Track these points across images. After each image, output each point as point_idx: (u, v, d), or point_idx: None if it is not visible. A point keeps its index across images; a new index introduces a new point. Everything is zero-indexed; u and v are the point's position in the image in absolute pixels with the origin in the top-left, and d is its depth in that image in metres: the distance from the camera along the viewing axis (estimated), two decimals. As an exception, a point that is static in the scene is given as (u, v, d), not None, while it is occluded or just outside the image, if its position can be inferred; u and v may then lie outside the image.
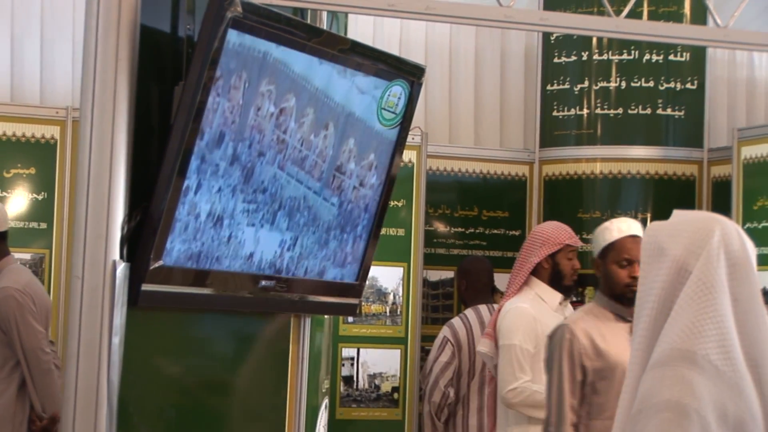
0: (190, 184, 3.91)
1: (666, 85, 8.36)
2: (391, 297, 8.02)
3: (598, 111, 8.40)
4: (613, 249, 5.30)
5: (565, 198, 8.45)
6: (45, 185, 7.33)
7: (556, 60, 8.55)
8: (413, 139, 7.81)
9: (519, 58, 9.16)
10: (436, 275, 8.28)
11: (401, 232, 8.00)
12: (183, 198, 3.90)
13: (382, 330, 8.00)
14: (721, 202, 7.96)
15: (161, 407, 4.32)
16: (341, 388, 7.92)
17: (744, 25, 6.63)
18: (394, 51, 8.32)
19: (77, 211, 3.92)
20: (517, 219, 8.56)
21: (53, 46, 8.04)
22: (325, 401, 5.24)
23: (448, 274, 8.01)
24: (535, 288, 6.00)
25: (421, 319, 8.05)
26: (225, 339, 4.58)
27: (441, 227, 8.44)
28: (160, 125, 4.07)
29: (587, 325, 5.24)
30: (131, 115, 3.93)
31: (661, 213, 3.18)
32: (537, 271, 6.00)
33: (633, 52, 8.35)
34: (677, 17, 8.31)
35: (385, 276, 7.96)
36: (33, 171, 7.34)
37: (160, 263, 3.91)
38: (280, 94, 4.11)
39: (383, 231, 5.13)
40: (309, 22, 4.56)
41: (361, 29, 8.36)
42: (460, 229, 8.48)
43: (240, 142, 4.03)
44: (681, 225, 2.91)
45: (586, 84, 8.43)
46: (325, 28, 4.67)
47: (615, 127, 8.37)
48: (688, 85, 8.40)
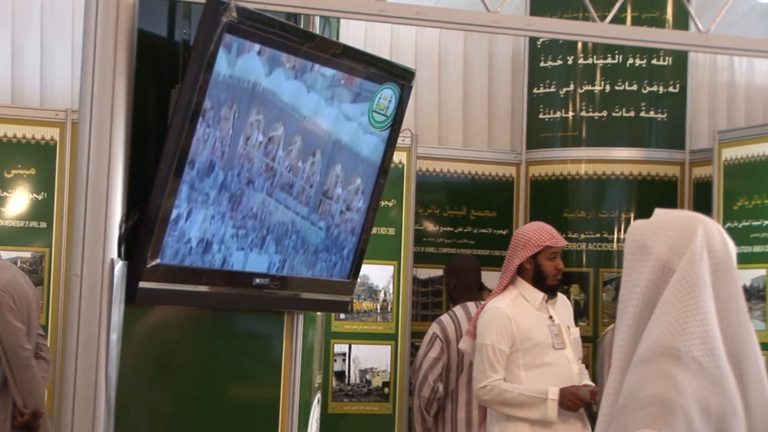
0: (181, 213, 3.93)
1: (649, 89, 8.37)
2: (381, 294, 8.01)
3: (583, 114, 8.39)
4: None
5: (551, 198, 8.45)
6: (45, 185, 7.31)
7: (543, 64, 8.55)
8: (403, 140, 7.80)
9: (506, 62, 9.16)
10: (425, 273, 8.27)
11: (392, 231, 8.00)
12: (174, 225, 3.92)
13: (373, 326, 7.99)
14: (702, 203, 7.97)
15: (158, 402, 4.32)
16: (333, 383, 7.91)
17: (724, 31, 6.64)
18: (385, 55, 8.31)
19: (76, 210, 3.92)
20: (505, 219, 8.55)
21: (53, 50, 8.03)
22: (318, 396, 5.24)
23: (438, 272, 8.00)
24: (519, 287, 6.00)
25: (411, 315, 8.04)
26: (220, 335, 4.57)
27: (430, 226, 8.44)
28: (157, 127, 4.07)
29: None
30: (129, 117, 3.93)
31: (644, 213, 3.18)
32: (521, 271, 6.00)
33: (617, 57, 8.35)
34: (660, 23, 8.31)
35: (376, 274, 7.96)
36: (33, 171, 7.32)
37: (157, 261, 3.91)
38: (269, 123, 4.13)
39: (375, 230, 5.13)
40: (302, 27, 4.55)
41: (352, 34, 8.35)
42: (449, 228, 8.48)
43: (229, 170, 4.05)
44: (664, 224, 2.91)
45: (572, 87, 8.43)
46: (318, 32, 4.67)
47: (599, 129, 8.37)
48: (671, 89, 8.41)
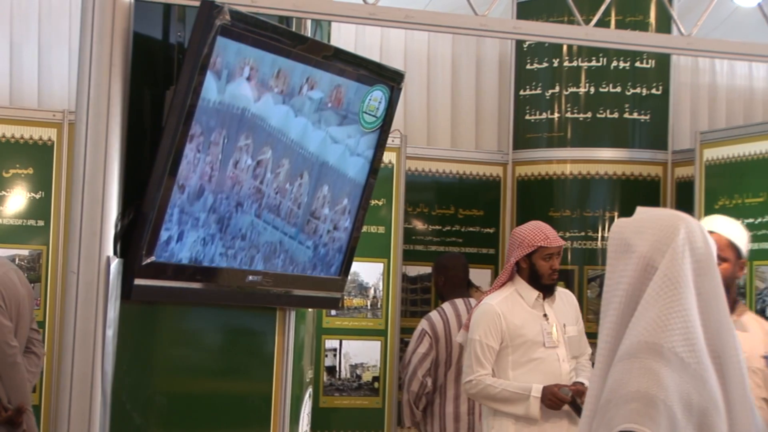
0: (172, 235, 3.94)
1: (632, 91, 8.37)
2: (371, 291, 8.00)
3: (569, 115, 8.40)
4: None
5: (537, 197, 8.45)
6: (42, 185, 7.30)
7: (529, 66, 8.55)
8: (393, 141, 7.80)
9: (493, 65, 9.16)
10: (414, 270, 8.27)
11: (381, 230, 7.99)
12: (165, 246, 3.94)
13: (364, 322, 7.99)
14: (684, 202, 7.97)
15: (153, 396, 4.31)
16: (324, 377, 7.90)
17: (706, 34, 6.64)
18: (375, 58, 8.31)
19: (73, 209, 3.91)
20: (492, 217, 8.56)
21: (50, 52, 8.01)
22: (309, 390, 5.24)
23: (426, 270, 8.00)
24: (516, 284, 5.99)
25: (401, 312, 8.04)
26: (214, 331, 4.57)
27: (419, 225, 8.44)
28: (152, 128, 4.07)
29: None
30: (124, 118, 3.93)
31: (627, 212, 3.18)
32: (519, 269, 5.99)
33: (601, 59, 8.35)
34: (643, 26, 8.32)
35: (366, 271, 7.95)
36: (31, 171, 7.31)
37: (152, 259, 3.90)
38: (258, 147, 4.14)
39: (365, 228, 5.12)
40: (294, 30, 4.55)
41: (343, 37, 8.35)
42: (437, 226, 8.48)
43: (219, 193, 4.08)
44: (647, 222, 2.91)
45: (557, 89, 8.43)
46: (309, 35, 4.67)
47: (584, 130, 8.37)
48: (654, 91, 8.41)
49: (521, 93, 8.58)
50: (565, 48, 8.37)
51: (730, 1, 7.95)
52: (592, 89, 8.36)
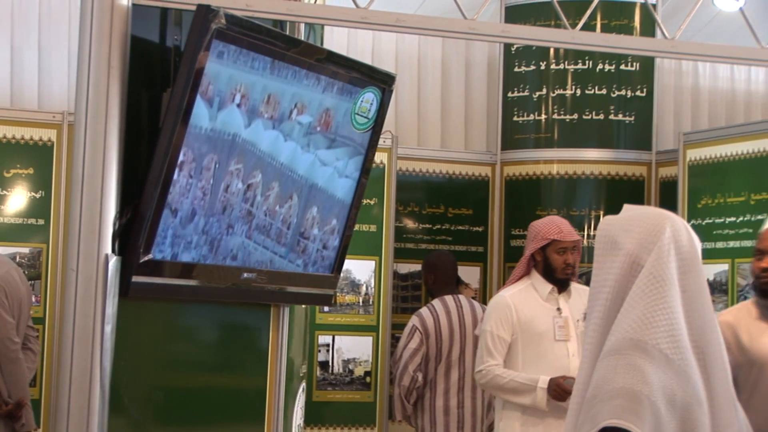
0: (165, 256, 3.94)
1: (617, 93, 8.38)
2: (363, 288, 8.00)
3: (555, 116, 8.40)
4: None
5: (525, 197, 8.45)
6: (42, 184, 7.29)
7: (517, 69, 8.55)
8: (384, 142, 7.80)
9: (482, 67, 9.16)
10: (405, 268, 8.27)
11: (373, 228, 7.99)
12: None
13: (356, 319, 7.99)
14: (668, 201, 7.98)
15: (150, 390, 4.31)
16: (317, 372, 7.90)
17: (689, 38, 6.65)
18: (367, 60, 8.30)
19: (72, 208, 3.90)
20: (481, 216, 8.56)
21: (50, 55, 8.00)
22: (303, 384, 5.23)
23: (417, 267, 7.99)
24: (532, 278, 5.94)
25: (392, 308, 8.05)
26: (210, 327, 4.57)
27: (410, 224, 8.44)
28: (150, 129, 4.06)
29: (734, 319, 4.98)
30: (122, 119, 3.92)
31: (612, 211, 3.19)
32: (534, 263, 5.96)
33: (587, 62, 8.36)
34: (628, 30, 8.32)
35: (359, 269, 7.96)
36: (31, 171, 7.30)
37: (150, 257, 3.90)
38: (248, 171, 4.16)
39: (357, 227, 5.12)
40: (288, 33, 4.54)
41: (336, 40, 8.34)
42: (427, 225, 8.48)
43: (210, 216, 4.09)
44: (633, 220, 2.90)
45: (544, 91, 8.44)
46: (303, 39, 4.66)
47: (570, 131, 8.37)
48: (638, 93, 8.42)
49: (509, 95, 8.58)
50: (552, 51, 8.37)
51: (712, 6, 7.96)
52: (578, 91, 8.36)
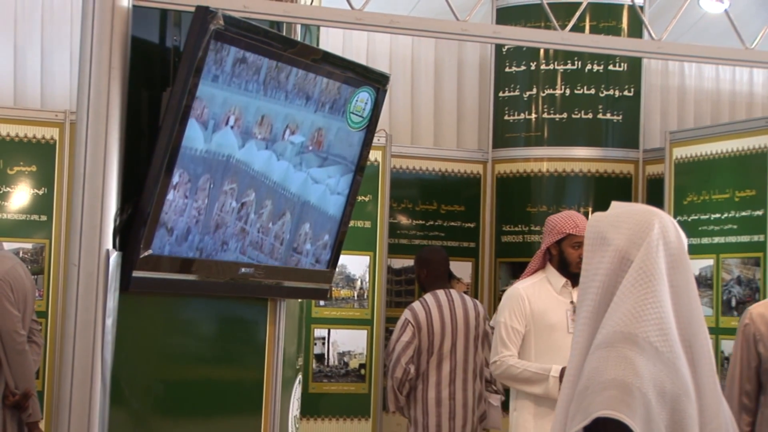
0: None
1: (605, 92, 8.38)
2: (358, 283, 8.00)
3: (545, 115, 8.40)
4: None
5: (516, 194, 8.46)
6: (45, 181, 7.28)
7: (508, 69, 8.55)
8: (378, 140, 7.80)
9: (474, 68, 9.16)
10: (399, 263, 8.27)
11: (368, 224, 7.99)
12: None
13: (351, 312, 7.99)
14: (654, 198, 7.99)
15: (150, 382, 4.30)
16: (314, 364, 7.90)
17: (676, 39, 6.65)
18: (362, 61, 8.29)
19: (74, 204, 3.90)
20: (472, 213, 8.56)
21: (53, 55, 7.99)
22: (299, 377, 5.23)
23: (410, 262, 7.98)
24: (547, 272, 5.94)
25: (386, 302, 8.05)
26: (208, 321, 4.56)
27: (404, 220, 8.44)
28: (150, 127, 4.05)
29: None
30: (123, 118, 3.91)
31: (601, 207, 3.19)
32: (550, 257, 5.95)
33: (576, 63, 8.36)
34: (616, 31, 8.32)
35: (353, 264, 7.96)
36: (34, 168, 7.29)
37: (150, 252, 3.89)
38: (242, 190, 4.17)
39: (352, 223, 5.12)
40: (285, 34, 4.54)
41: (331, 41, 8.34)
42: (420, 221, 8.48)
43: (206, 234, 4.10)
44: (622, 217, 2.90)
45: (534, 91, 8.44)
46: (299, 39, 4.65)
47: (560, 130, 8.38)
48: (626, 93, 8.42)
49: (500, 94, 8.58)
50: (542, 52, 8.37)
51: (698, 8, 7.96)
52: (568, 91, 8.36)
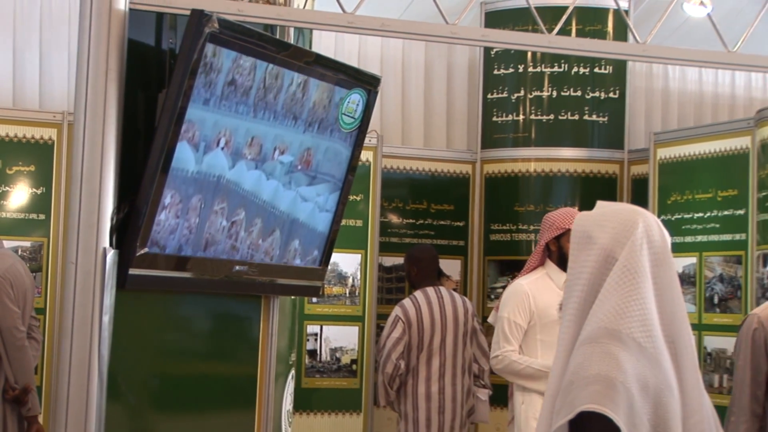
0: None
1: (591, 94, 8.38)
2: (350, 280, 8.00)
3: (533, 117, 8.40)
4: None
5: (504, 193, 8.46)
6: (43, 181, 7.27)
7: (496, 72, 8.55)
8: (370, 140, 7.80)
9: (463, 70, 9.16)
10: (389, 261, 8.27)
11: (359, 223, 7.99)
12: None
13: (342, 309, 7.99)
14: (639, 197, 8.00)
15: (146, 377, 4.30)
16: (306, 360, 7.90)
17: (660, 42, 6.66)
18: (353, 63, 8.29)
19: (72, 203, 3.89)
20: (462, 211, 8.56)
21: (51, 57, 7.98)
22: (292, 372, 5.23)
23: (401, 260, 7.98)
24: (547, 268, 5.93)
25: (377, 299, 8.05)
26: (203, 317, 4.56)
27: (394, 219, 8.43)
28: (146, 128, 4.05)
29: None
30: (120, 119, 3.91)
31: (587, 207, 3.19)
32: (549, 253, 5.93)
33: (563, 65, 8.36)
34: (602, 35, 8.33)
35: (345, 261, 7.95)
36: (33, 168, 7.28)
37: (146, 250, 3.89)
38: (232, 209, 4.19)
39: (344, 222, 5.12)
40: (278, 37, 4.53)
41: (324, 44, 8.33)
42: (411, 220, 8.48)
43: (197, 251, 4.12)
44: (607, 216, 2.90)
45: (522, 93, 8.44)
46: (292, 42, 4.65)
47: (547, 131, 8.38)
48: (611, 95, 8.43)
49: (489, 96, 8.58)
50: (529, 55, 8.38)
51: (682, 12, 7.97)
52: (555, 93, 8.36)
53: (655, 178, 7.80)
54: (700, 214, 7.48)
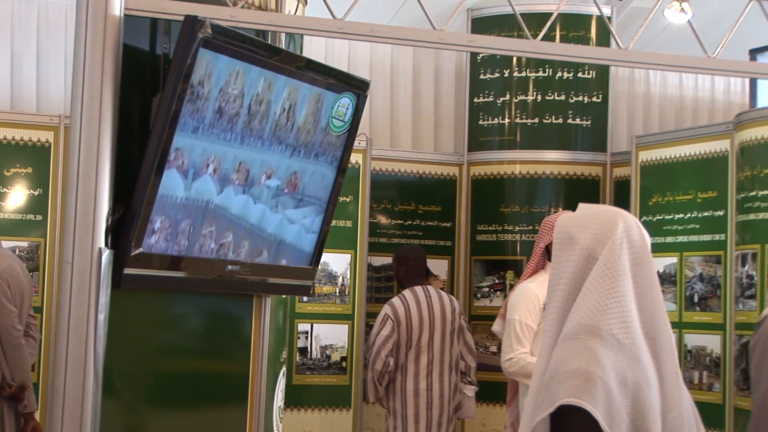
0: None
1: (575, 99, 8.40)
2: (340, 279, 8.00)
3: (518, 120, 8.41)
4: None
5: (490, 195, 8.47)
6: (40, 183, 7.26)
7: (482, 76, 8.57)
8: (359, 143, 7.80)
9: (450, 75, 9.17)
10: (378, 261, 8.28)
11: (349, 224, 7.99)
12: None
13: (332, 308, 7.99)
14: (621, 199, 8.01)
15: (141, 375, 4.29)
16: (297, 357, 7.90)
17: (641, 48, 6.67)
18: (343, 68, 8.30)
19: (68, 204, 3.88)
20: (449, 213, 8.57)
21: (48, 62, 7.97)
22: (283, 369, 5.23)
23: (390, 260, 7.99)
24: (548, 270, 5.92)
25: (366, 298, 8.05)
26: (196, 316, 4.55)
27: (383, 219, 8.44)
28: (140, 131, 4.04)
29: None
30: (115, 122, 3.90)
31: (571, 208, 3.20)
32: (549, 256, 5.91)
33: (547, 70, 8.38)
34: (585, 40, 8.34)
35: (335, 261, 7.95)
36: (30, 170, 7.27)
37: (140, 250, 3.89)
38: (220, 232, 4.21)
39: (334, 222, 5.12)
40: (270, 42, 4.53)
41: (314, 49, 8.33)
42: (399, 221, 8.48)
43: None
44: (589, 217, 2.92)
45: (508, 97, 8.45)
46: (283, 47, 4.65)
47: (532, 134, 8.39)
48: (594, 99, 8.44)
49: (475, 100, 8.59)
50: (514, 60, 8.39)
51: (663, 18, 7.98)
52: (539, 97, 8.38)
53: (636, 180, 7.81)
54: (681, 215, 7.50)
